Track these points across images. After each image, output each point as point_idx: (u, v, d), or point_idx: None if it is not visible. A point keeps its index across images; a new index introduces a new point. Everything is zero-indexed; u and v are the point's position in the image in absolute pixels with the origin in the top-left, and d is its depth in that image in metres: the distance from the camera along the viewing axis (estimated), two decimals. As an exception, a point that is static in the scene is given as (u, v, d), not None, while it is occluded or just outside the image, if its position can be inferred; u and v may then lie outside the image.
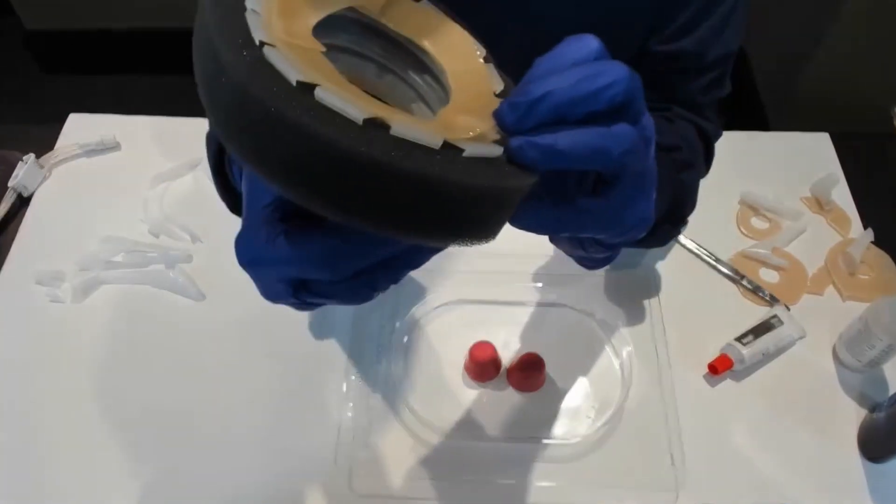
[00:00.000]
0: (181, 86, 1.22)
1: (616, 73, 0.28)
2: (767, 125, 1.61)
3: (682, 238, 0.75)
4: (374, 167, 0.24)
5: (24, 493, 0.61)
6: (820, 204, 0.78)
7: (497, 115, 0.28)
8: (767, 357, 0.67)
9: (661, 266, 0.73)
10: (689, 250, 0.74)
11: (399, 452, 0.62)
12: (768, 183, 0.79)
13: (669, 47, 0.57)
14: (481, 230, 0.28)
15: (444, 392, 0.65)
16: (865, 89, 1.37)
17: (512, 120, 0.28)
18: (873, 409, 0.64)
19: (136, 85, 1.84)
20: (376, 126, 0.25)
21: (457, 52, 0.34)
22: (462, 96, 0.32)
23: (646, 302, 0.71)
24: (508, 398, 0.65)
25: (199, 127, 0.69)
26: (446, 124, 0.30)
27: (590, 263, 0.38)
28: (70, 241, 0.74)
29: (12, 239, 0.75)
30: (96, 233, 0.74)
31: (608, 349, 0.68)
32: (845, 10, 1.35)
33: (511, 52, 0.35)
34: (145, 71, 1.90)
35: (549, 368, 0.65)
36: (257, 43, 0.26)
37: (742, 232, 0.76)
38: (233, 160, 0.47)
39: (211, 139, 0.57)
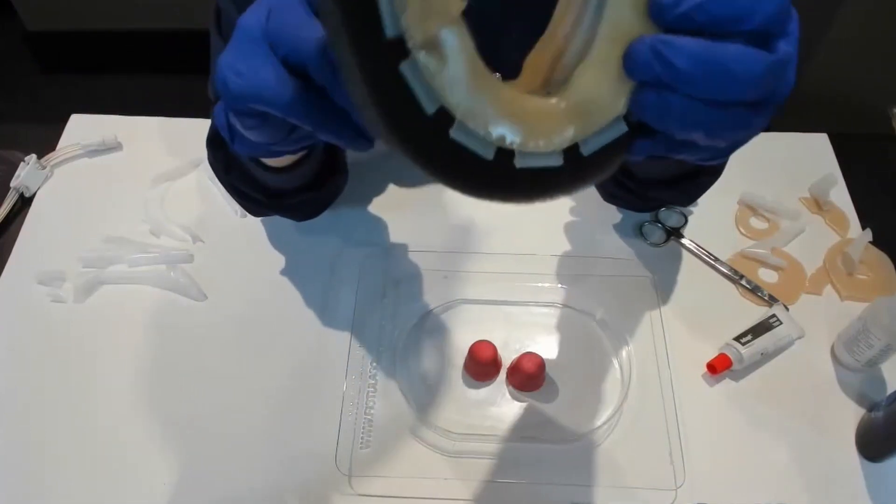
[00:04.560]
0: (182, 86, 1.22)
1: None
2: (767, 126, 1.61)
3: (681, 238, 0.75)
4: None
5: (24, 492, 0.61)
6: (818, 204, 0.78)
7: (653, 5, 0.29)
8: (766, 357, 0.67)
9: (660, 266, 0.74)
10: (689, 250, 0.75)
11: (399, 452, 0.62)
12: (767, 183, 0.79)
13: None
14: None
15: (444, 392, 0.66)
16: (864, 90, 1.37)
17: (667, 3, 0.29)
18: (871, 408, 0.64)
19: (137, 85, 1.85)
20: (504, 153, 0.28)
21: None
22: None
23: (645, 302, 0.71)
24: (508, 398, 0.65)
25: (200, 127, 0.69)
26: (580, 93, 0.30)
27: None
28: (72, 241, 0.74)
29: (14, 239, 0.75)
30: (98, 233, 0.75)
31: (608, 349, 0.68)
32: (844, 11, 1.35)
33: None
34: (146, 71, 1.90)
35: (549, 368, 0.66)
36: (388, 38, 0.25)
37: (741, 232, 0.77)
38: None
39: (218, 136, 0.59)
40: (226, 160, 0.60)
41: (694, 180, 0.64)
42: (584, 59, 0.30)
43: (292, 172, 0.57)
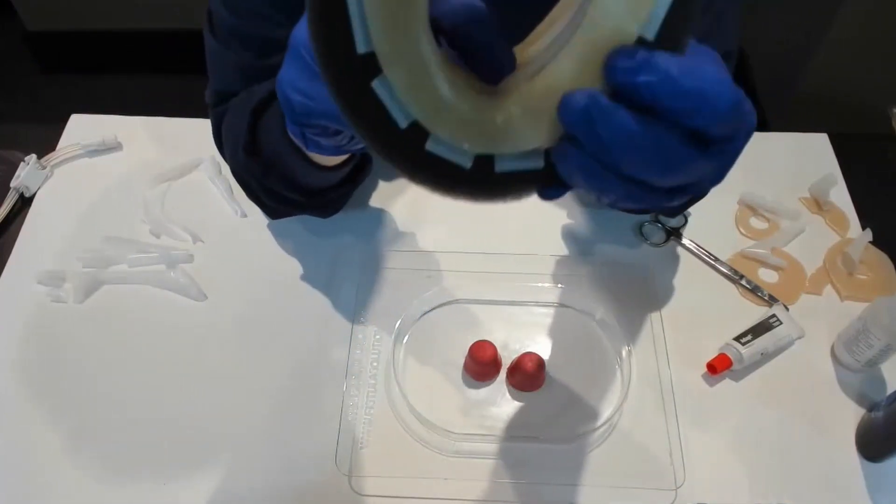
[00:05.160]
0: (182, 86, 1.22)
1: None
2: (766, 126, 1.61)
3: (681, 238, 0.75)
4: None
5: (24, 492, 0.61)
6: (818, 204, 0.78)
7: (611, 57, 0.28)
8: (766, 357, 0.67)
9: (660, 266, 0.74)
10: (689, 250, 0.75)
11: (399, 452, 0.63)
12: (767, 183, 0.79)
13: None
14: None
15: (444, 392, 0.66)
16: (864, 90, 1.37)
17: (621, 66, 0.28)
18: (871, 408, 0.64)
19: (137, 85, 1.85)
20: (418, 132, 0.28)
21: None
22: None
23: (645, 302, 0.71)
24: (508, 398, 0.65)
25: (200, 127, 0.69)
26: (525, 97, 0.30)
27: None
28: (72, 241, 0.74)
29: (14, 239, 0.75)
30: (98, 233, 0.75)
31: (608, 349, 0.68)
32: (844, 11, 1.35)
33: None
34: (146, 71, 1.90)
35: (549, 368, 0.66)
36: (360, 53, 0.26)
37: (741, 232, 0.77)
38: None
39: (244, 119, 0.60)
40: (264, 165, 0.60)
41: None
42: (533, 80, 0.29)
43: (341, 169, 0.59)
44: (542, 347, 0.67)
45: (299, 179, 0.60)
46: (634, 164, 0.29)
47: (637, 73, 0.27)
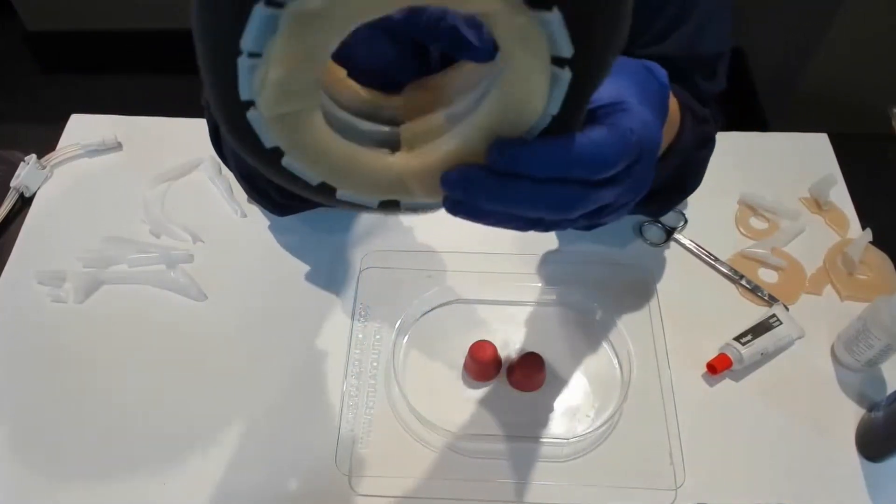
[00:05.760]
0: (182, 86, 1.22)
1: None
2: (766, 126, 1.61)
3: (681, 238, 0.75)
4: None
5: (24, 492, 0.61)
6: (818, 204, 0.78)
7: (490, 149, 0.33)
8: (766, 357, 0.67)
9: (660, 266, 0.74)
10: (689, 250, 0.75)
11: (399, 452, 0.63)
12: (767, 183, 0.79)
13: (648, 51, 0.57)
14: None
15: (444, 392, 0.66)
16: (864, 90, 1.37)
17: (498, 160, 0.33)
18: (871, 408, 0.64)
19: (137, 85, 1.85)
20: (326, 189, 0.35)
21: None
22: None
23: (645, 302, 0.71)
24: (508, 398, 0.65)
25: (200, 127, 0.69)
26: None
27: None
28: (72, 241, 0.74)
29: (14, 239, 0.75)
30: (98, 233, 0.75)
31: (608, 349, 0.68)
32: (844, 11, 1.35)
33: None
34: (146, 71, 1.90)
35: (549, 368, 0.66)
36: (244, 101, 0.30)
37: (741, 232, 0.77)
38: None
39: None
40: None
41: (660, 199, 0.64)
42: (429, 147, 0.34)
43: None
44: (542, 347, 0.67)
45: None
46: (530, 213, 0.35)
47: (514, 165, 0.33)
